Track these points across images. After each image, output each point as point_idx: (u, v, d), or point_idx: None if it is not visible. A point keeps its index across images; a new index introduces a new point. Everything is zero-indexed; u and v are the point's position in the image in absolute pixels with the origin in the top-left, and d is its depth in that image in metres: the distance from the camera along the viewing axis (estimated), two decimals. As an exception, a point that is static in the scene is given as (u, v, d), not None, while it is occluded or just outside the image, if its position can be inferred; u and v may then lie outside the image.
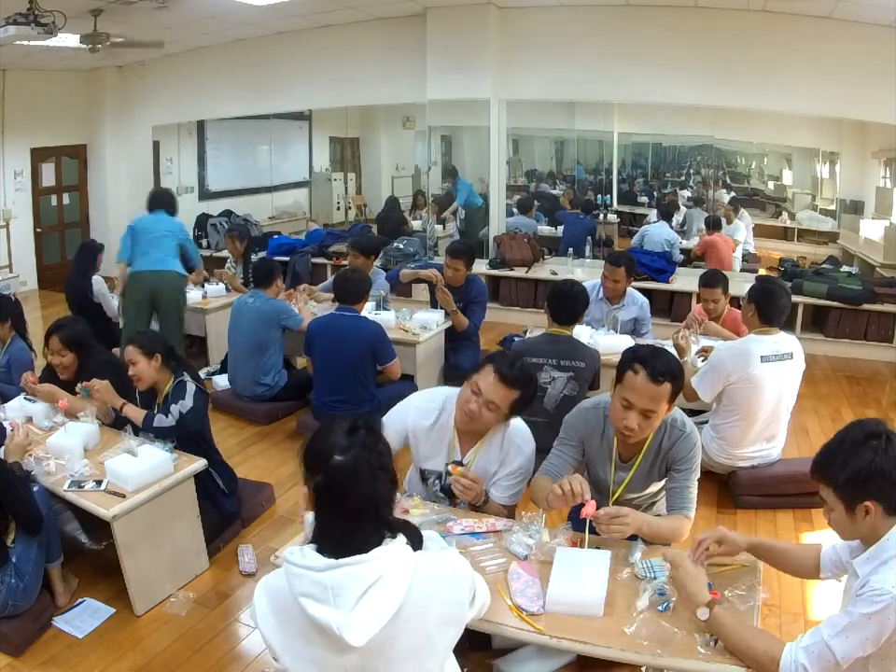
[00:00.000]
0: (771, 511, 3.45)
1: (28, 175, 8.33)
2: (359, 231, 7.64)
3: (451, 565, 1.44)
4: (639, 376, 2.10)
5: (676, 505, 2.23)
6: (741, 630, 1.66)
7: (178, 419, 2.95)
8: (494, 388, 2.27)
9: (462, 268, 4.67)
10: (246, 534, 3.30)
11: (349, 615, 1.27)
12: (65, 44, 6.15)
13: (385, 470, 1.39)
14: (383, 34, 7.23)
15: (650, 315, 4.50)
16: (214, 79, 8.12)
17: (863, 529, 1.62)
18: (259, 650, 2.53)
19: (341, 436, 1.38)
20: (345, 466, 1.35)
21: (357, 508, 1.35)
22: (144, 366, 2.99)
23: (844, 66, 5.74)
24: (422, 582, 1.35)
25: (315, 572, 1.31)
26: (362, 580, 1.29)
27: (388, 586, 1.31)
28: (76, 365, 3.25)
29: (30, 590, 2.48)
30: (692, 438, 2.25)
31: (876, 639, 1.50)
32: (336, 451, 1.36)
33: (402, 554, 1.36)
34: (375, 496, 1.36)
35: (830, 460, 1.63)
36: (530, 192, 7.66)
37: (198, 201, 8.81)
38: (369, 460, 1.36)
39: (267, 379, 4.53)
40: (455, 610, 1.39)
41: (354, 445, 1.37)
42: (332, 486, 1.36)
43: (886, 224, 6.20)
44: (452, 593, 1.39)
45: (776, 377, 3.31)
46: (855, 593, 1.56)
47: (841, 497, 1.61)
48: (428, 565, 1.40)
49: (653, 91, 6.37)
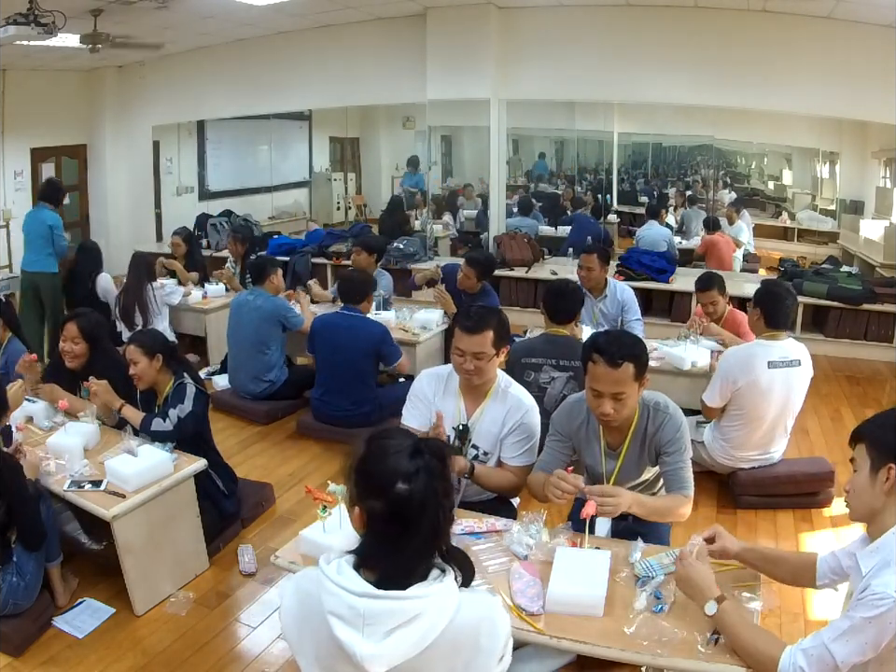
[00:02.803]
0: (771, 511, 3.45)
1: (28, 174, 8.32)
2: (359, 230, 7.64)
3: (494, 613, 1.33)
4: (599, 364, 2.16)
5: (672, 486, 2.26)
6: (746, 627, 1.66)
7: (176, 423, 2.94)
8: (469, 341, 2.46)
9: (473, 277, 4.69)
10: (246, 534, 3.30)
11: (376, 646, 1.21)
12: (65, 44, 6.15)
13: (450, 499, 1.29)
14: (383, 34, 7.23)
15: (636, 302, 4.44)
16: (214, 79, 8.12)
17: (878, 498, 1.62)
18: (259, 650, 2.54)
19: (404, 459, 1.27)
20: (412, 497, 1.24)
21: (416, 540, 1.25)
22: (145, 366, 2.99)
23: (844, 66, 5.74)
24: (460, 625, 1.26)
25: (351, 595, 1.22)
26: (399, 616, 1.22)
27: (425, 626, 1.23)
28: (86, 357, 3.26)
29: (31, 589, 2.48)
30: (676, 418, 2.28)
31: (876, 644, 1.50)
32: (400, 477, 1.24)
33: (448, 595, 1.27)
34: (438, 529, 1.27)
35: (880, 422, 1.67)
36: (530, 192, 7.66)
37: (198, 201, 8.81)
38: (436, 490, 1.25)
39: (269, 376, 4.53)
40: (484, 661, 1.29)
41: (420, 472, 1.25)
42: (393, 516, 1.25)
43: (886, 224, 6.20)
44: (487, 642, 1.29)
45: (782, 383, 3.29)
46: (856, 596, 1.56)
47: (871, 454, 1.63)
48: (472, 609, 1.30)
49: (653, 91, 6.38)
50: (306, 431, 4.36)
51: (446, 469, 1.30)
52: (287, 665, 2.45)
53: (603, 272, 4.40)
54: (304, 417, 4.43)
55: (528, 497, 2.59)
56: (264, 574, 2.96)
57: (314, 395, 4.32)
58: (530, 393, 2.67)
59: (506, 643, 1.34)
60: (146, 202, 9.02)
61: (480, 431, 2.55)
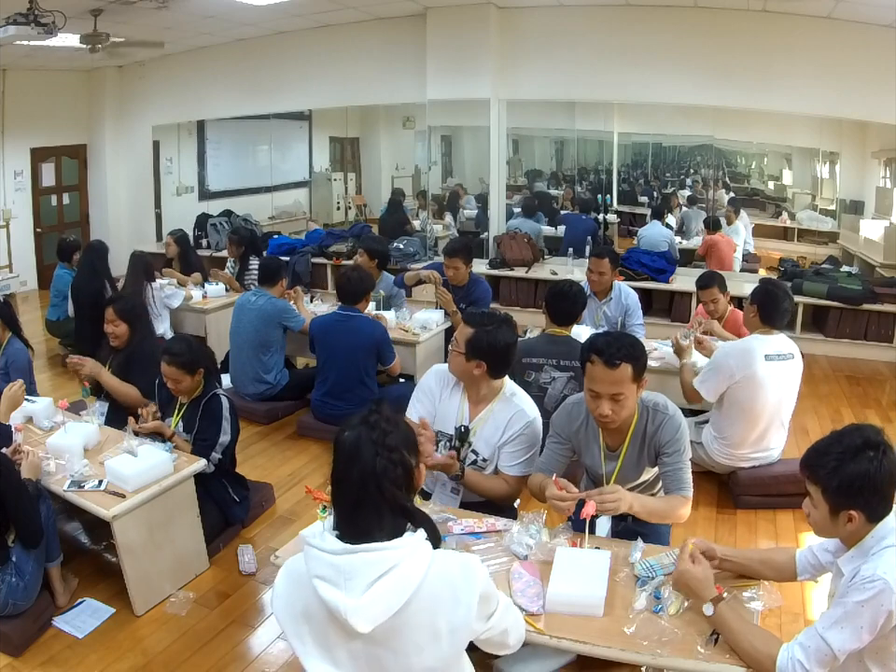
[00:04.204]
0: (771, 511, 3.45)
1: (28, 174, 8.34)
2: (359, 230, 7.64)
3: (468, 566, 1.41)
4: (596, 366, 2.15)
5: (672, 487, 2.26)
6: (744, 627, 1.66)
7: (221, 457, 3.04)
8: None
9: (461, 266, 4.63)
10: (246, 534, 3.30)
11: (358, 600, 1.28)
12: (65, 44, 6.16)
13: (390, 450, 1.38)
14: (383, 34, 7.23)
15: (639, 306, 4.43)
16: (214, 79, 8.13)
17: (842, 533, 1.63)
18: (259, 650, 2.54)
19: (356, 418, 1.44)
20: (347, 440, 1.39)
21: (358, 483, 1.35)
22: (189, 383, 3.04)
23: (844, 66, 5.74)
24: (435, 578, 1.35)
25: (330, 555, 1.32)
26: (376, 566, 1.30)
27: (401, 576, 1.31)
28: (127, 335, 3.60)
29: (30, 589, 2.48)
30: (675, 419, 2.27)
31: (872, 627, 1.50)
32: (347, 428, 1.42)
33: (420, 548, 1.36)
34: (375, 472, 1.36)
35: (823, 461, 1.61)
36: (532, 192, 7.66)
37: (198, 201, 8.82)
38: (372, 437, 1.38)
39: (269, 377, 4.53)
40: (464, 613, 1.36)
41: (361, 423, 1.41)
42: (338, 461, 1.40)
43: (886, 224, 6.20)
44: (465, 595, 1.36)
45: (778, 377, 3.32)
46: (846, 584, 1.57)
47: (828, 500, 1.60)
48: (444, 563, 1.39)
49: (653, 91, 6.38)
50: (306, 431, 4.36)
51: (387, 423, 1.42)
52: (287, 665, 2.45)
53: (613, 275, 4.39)
54: (304, 417, 4.44)
55: (528, 497, 2.59)
56: (264, 574, 2.96)
57: (314, 395, 4.32)
58: (531, 393, 2.67)
59: (484, 594, 1.39)
60: (146, 202, 9.03)
61: (480, 436, 2.53)
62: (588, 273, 4.39)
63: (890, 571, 1.50)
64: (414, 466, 1.43)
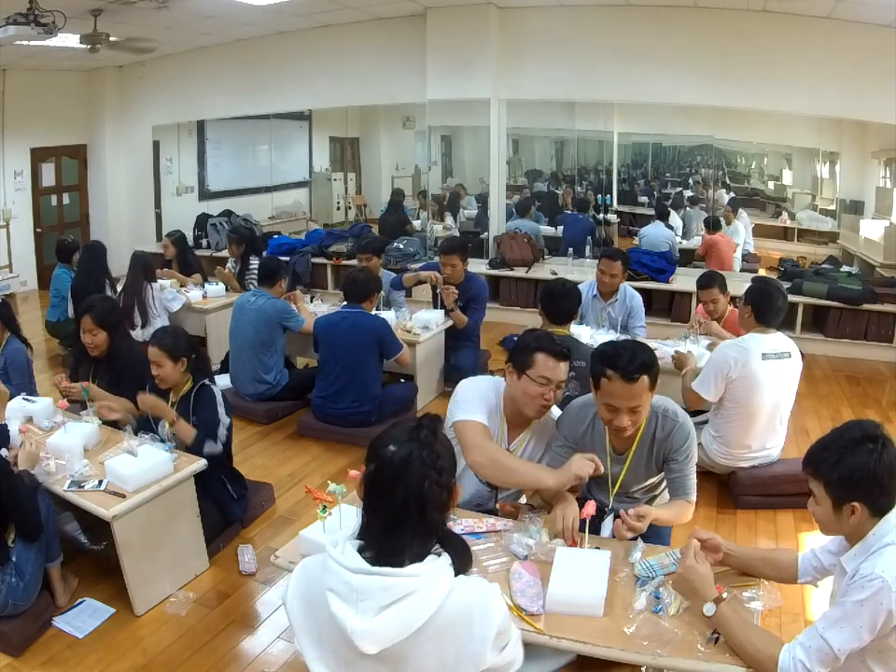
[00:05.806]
0: (771, 511, 3.45)
1: (28, 174, 8.33)
2: (359, 230, 7.64)
3: (487, 600, 1.33)
4: (614, 381, 2.11)
5: (678, 492, 2.28)
6: (744, 628, 1.66)
7: (224, 443, 3.02)
8: (556, 369, 2.29)
9: (458, 263, 4.68)
10: (246, 534, 3.29)
11: (368, 622, 1.25)
12: (65, 44, 6.16)
13: (438, 472, 1.33)
14: (383, 34, 7.24)
15: (642, 309, 4.44)
16: (214, 79, 8.13)
17: (846, 527, 1.64)
18: (259, 650, 2.54)
19: (403, 430, 1.38)
20: (396, 457, 1.33)
21: (400, 504, 1.30)
22: (170, 369, 3.01)
23: (844, 66, 5.74)
24: (452, 609, 1.29)
25: (347, 572, 1.28)
26: (392, 592, 1.26)
27: (416, 604, 1.26)
28: (106, 343, 3.40)
29: (30, 589, 2.48)
30: (685, 427, 2.27)
31: (872, 626, 1.50)
32: (392, 442, 1.35)
33: (441, 576, 1.30)
34: (422, 495, 1.31)
35: (824, 457, 1.64)
36: (534, 192, 7.66)
37: (198, 201, 8.82)
38: (422, 457, 1.32)
39: (269, 377, 4.53)
40: (477, 647, 1.30)
41: (410, 441, 1.35)
42: (381, 476, 1.34)
43: (886, 224, 6.20)
44: (479, 629, 1.30)
45: (775, 375, 3.32)
46: (847, 583, 1.57)
47: (830, 494, 1.62)
48: (464, 594, 1.32)
49: (653, 91, 6.38)
50: (306, 431, 4.36)
51: (439, 444, 1.37)
52: (287, 665, 2.45)
53: (624, 277, 4.39)
54: (304, 417, 4.43)
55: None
56: (264, 574, 2.96)
57: (315, 394, 4.32)
58: None
59: (501, 629, 1.33)
60: (146, 202, 9.03)
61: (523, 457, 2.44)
62: (599, 273, 4.38)
63: (889, 570, 1.50)
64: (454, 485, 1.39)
